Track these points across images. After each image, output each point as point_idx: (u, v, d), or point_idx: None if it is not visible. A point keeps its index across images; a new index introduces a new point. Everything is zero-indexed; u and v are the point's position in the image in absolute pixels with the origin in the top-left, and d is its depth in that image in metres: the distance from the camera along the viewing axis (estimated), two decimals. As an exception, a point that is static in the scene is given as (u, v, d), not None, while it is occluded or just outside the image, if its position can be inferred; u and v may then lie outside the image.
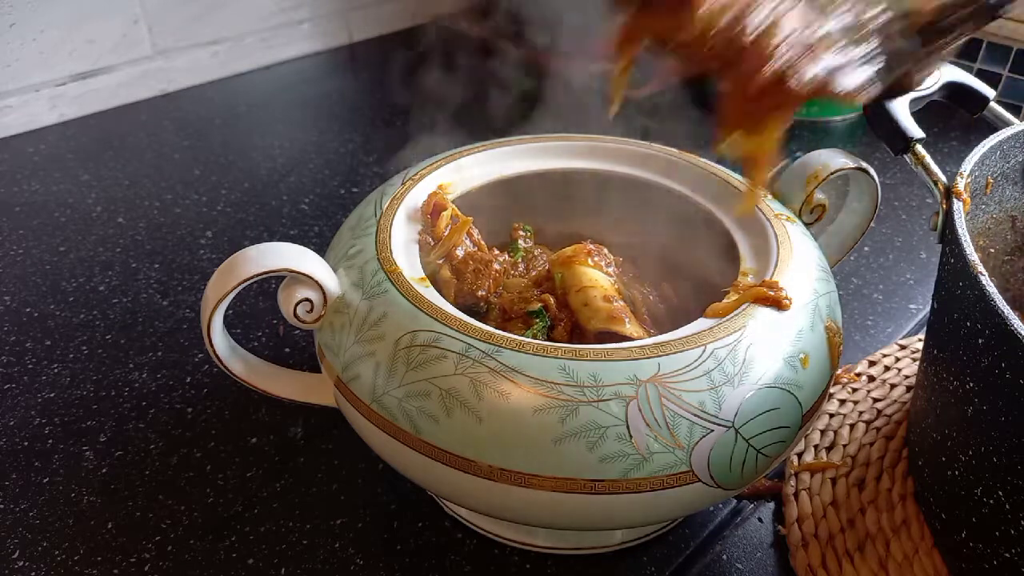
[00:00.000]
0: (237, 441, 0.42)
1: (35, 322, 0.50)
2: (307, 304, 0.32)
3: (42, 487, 0.39)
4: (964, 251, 0.31)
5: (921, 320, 0.51)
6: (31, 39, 0.69)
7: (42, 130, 0.72)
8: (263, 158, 0.68)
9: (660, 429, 0.27)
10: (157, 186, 0.64)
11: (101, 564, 0.36)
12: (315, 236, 0.58)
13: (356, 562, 0.36)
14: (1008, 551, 0.30)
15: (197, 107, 0.77)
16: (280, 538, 0.37)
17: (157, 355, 0.47)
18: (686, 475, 0.28)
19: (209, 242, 0.58)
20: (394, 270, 0.32)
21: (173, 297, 0.52)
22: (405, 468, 0.31)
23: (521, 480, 0.28)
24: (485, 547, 0.37)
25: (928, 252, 0.58)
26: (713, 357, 0.29)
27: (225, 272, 0.31)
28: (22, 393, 0.45)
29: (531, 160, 0.40)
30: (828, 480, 0.40)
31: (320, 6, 0.85)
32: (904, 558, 0.36)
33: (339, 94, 0.81)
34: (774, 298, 0.31)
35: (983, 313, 0.29)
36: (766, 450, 0.29)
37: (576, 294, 0.36)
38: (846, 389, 0.45)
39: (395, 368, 0.29)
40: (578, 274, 0.36)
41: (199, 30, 0.78)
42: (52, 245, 0.57)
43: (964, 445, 0.32)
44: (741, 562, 0.37)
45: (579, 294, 0.35)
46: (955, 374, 0.32)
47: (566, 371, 0.28)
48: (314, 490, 0.39)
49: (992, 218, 0.40)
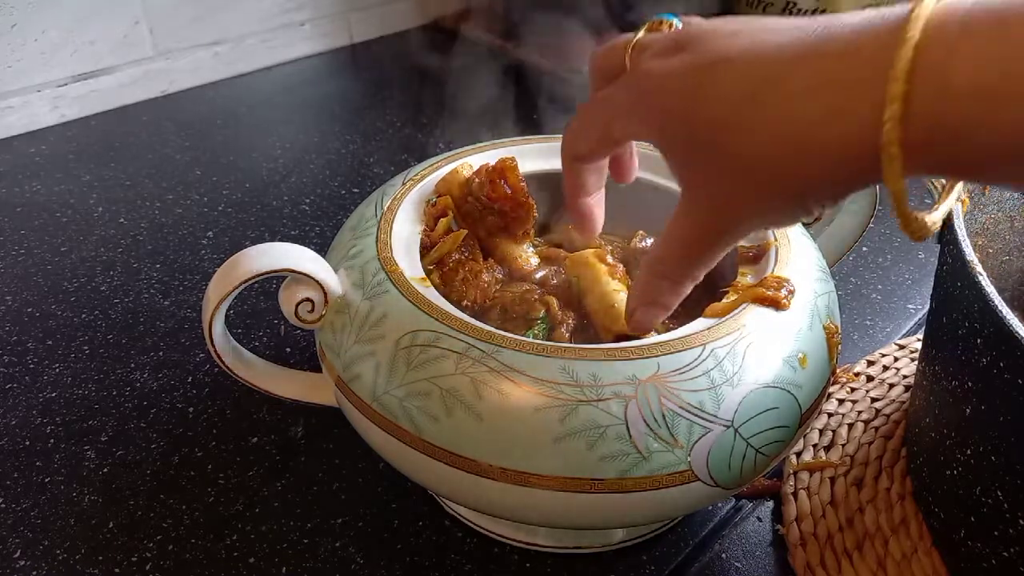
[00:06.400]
0: (238, 440, 0.42)
1: (36, 322, 0.50)
2: (308, 304, 0.32)
3: (43, 486, 0.40)
4: (962, 251, 0.31)
5: (920, 320, 0.51)
6: (32, 40, 0.69)
7: (43, 131, 0.72)
8: (264, 159, 0.68)
9: (659, 428, 0.27)
10: (158, 186, 0.64)
11: (102, 563, 0.36)
12: (316, 236, 0.58)
13: (357, 561, 0.36)
14: (1006, 550, 0.30)
15: (198, 108, 0.77)
16: (281, 537, 0.37)
17: (158, 355, 0.48)
18: (685, 474, 0.28)
19: (210, 242, 0.58)
20: (395, 270, 0.32)
21: (174, 297, 0.52)
22: (405, 467, 0.31)
23: (521, 479, 0.28)
24: (485, 546, 0.37)
25: (926, 252, 0.58)
26: (712, 357, 0.29)
27: (226, 272, 0.31)
28: (23, 393, 0.45)
29: (531, 160, 0.40)
30: (827, 479, 0.40)
31: (321, 7, 0.85)
32: (903, 557, 0.36)
33: (340, 95, 0.81)
34: (773, 298, 0.31)
35: (981, 313, 0.29)
36: (765, 449, 0.29)
37: (598, 297, 0.36)
38: (845, 389, 0.45)
39: (396, 368, 0.29)
40: (598, 277, 0.36)
41: (200, 31, 0.78)
42: (54, 245, 0.57)
43: (962, 444, 0.32)
44: (740, 561, 0.37)
45: (603, 297, 0.35)
46: (953, 374, 0.32)
47: (566, 371, 0.28)
48: (315, 489, 0.40)
49: (991, 218, 0.40)
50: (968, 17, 0.21)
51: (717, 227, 0.27)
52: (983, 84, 0.21)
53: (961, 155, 0.22)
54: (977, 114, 0.21)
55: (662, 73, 0.27)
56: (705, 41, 0.26)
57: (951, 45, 0.21)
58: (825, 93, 0.23)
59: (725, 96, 0.25)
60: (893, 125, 0.22)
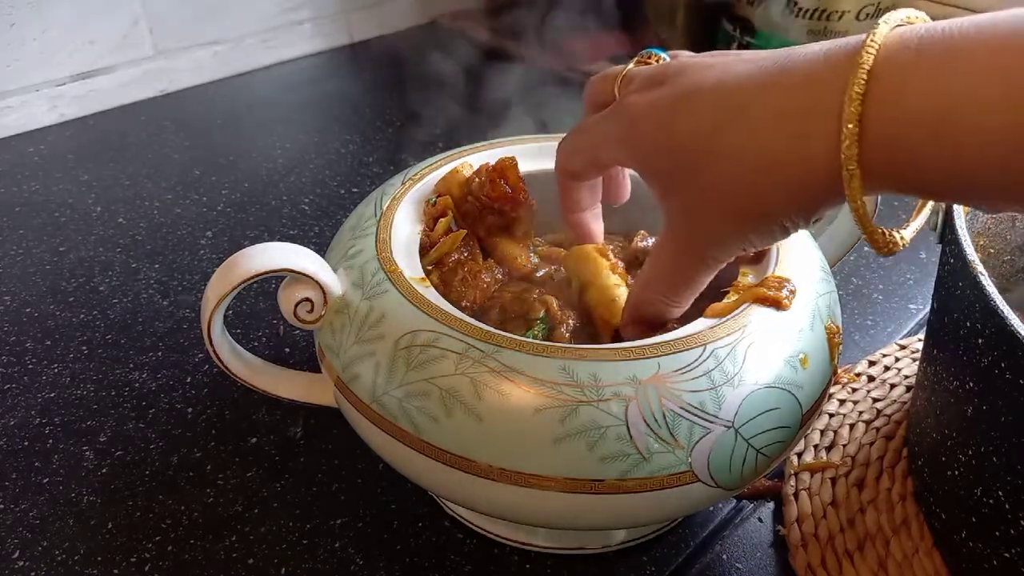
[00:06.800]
0: (237, 441, 0.42)
1: (35, 322, 0.50)
2: (307, 304, 0.32)
3: (42, 487, 0.39)
4: (964, 251, 0.31)
5: (921, 320, 0.51)
6: (32, 39, 0.69)
7: (42, 130, 0.72)
8: (263, 158, 0.68)
9: (660, 429, 0.27)
10: (157, 186, 0.64)
11: (101, 564, 0.36)
12: (315, 236, 0.58)
13: (356, 562, 0.36)
14: (1008, 551, 0.30)
15: (197, 107, 0.77)
16: (280, 538, 0.37)
17: (157, 355, 0.47)
18: (686, 475, 0.28)
19: (209, 242, 0.58)
20: (394, 270, 0.32)
21: (173, 297, 0.52)
22: (405, 468, 0.31)
23: (521, 480, 0.28)
24: (485, 547, 0.37)
25: (928, 252, 0.58)
26: (713, 357, 0.29)
27: (225, 272, 0.31)
28: (22, 393, 0.45)
29: (531, 160, 0.40)
30: (828, 480, 0.40)
31: (321, 7, 0.85)
32: (904, 558, 0.36)
33: (340, 94, 0.81)
34: (774, 298, 0.31)
35: (983, 313, 0.29)
36: (766, 450, 0.29)
37: (600, 290, 0.35)
38: (846, 389, 0.45)
39: (395, 368, 0.29)
40: (599, 270, 0.36)
41: (200, 30, 0.78)
42: (52, 245, 0.57)
43: (964, 445, 0.32)
44: (741, 562, 0.37)
45: (604, 291, 0.35)
46: (955, 374, 0.32)
47: (566, 371, 0.28)
48: (314, 490, 0.39)
49: (992, 218, 0.40)
50: (921, 45, 0.23)
51: (699, 251, 0.29)
52: (932, 110, 0.22)
53: (917, 177, 0.24)
54: (928, 138, 0.22)
55: (644, 105, 0.29)
56: (683, 75, 0.28)
57: (904, 72, 0.23)
58: (787, 122, 0.25)
59: (698, 125, 0.27)
60: (850, 146, 0.23)
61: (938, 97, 0.22)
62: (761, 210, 0.26)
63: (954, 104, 0.22)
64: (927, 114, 0.22)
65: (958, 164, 0.22)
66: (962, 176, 0.23)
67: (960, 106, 0.22)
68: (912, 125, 0.23)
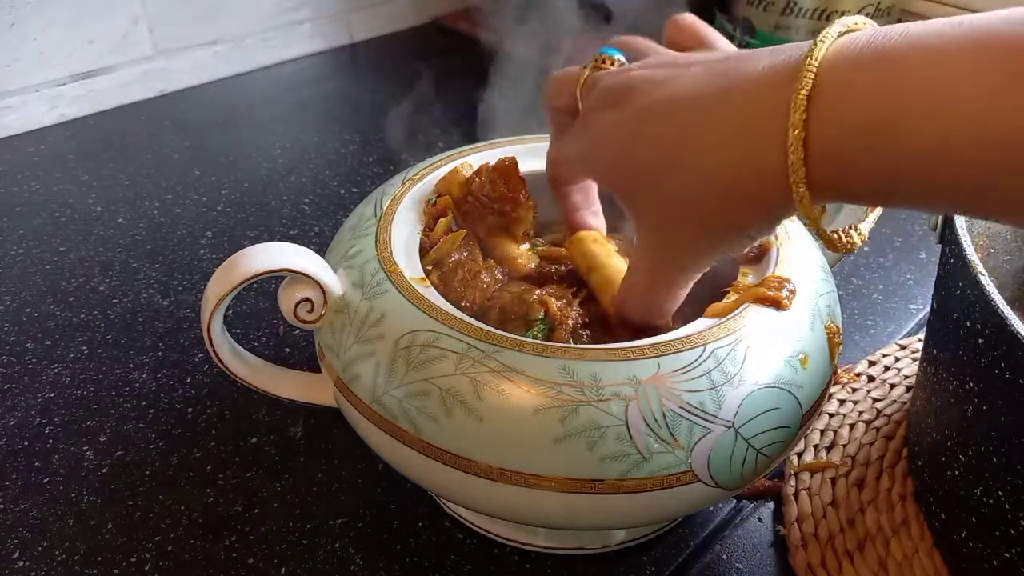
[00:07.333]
0: (237, 441, 0.42)
1: (35, 322, 0.50)
2: (307, 304, 0.32)
3: (42, 487, 0.39)
4: (964, 251, 0.31)
5: (921, 320, 0.51)
6: (31, 39, 0.69)
7: (42, 130, 0.72)
8: (263, 158, 0.68)
9: (660, 429, 0.27)
10: (157, 186, 0.64)
11: (101, 564, 0.36)
12: (315, 236, 0.58)
13: (356, 562, 0.36)
14: (1008, 551, 0.30)
15: (197, 107, 0.77)
16: (280, 538, 0.37)
17: (157, 355, 0.47)
18: (686, 475, 0.28)
19: (209, 242, 0.58)
20: (394, 270, 0.32)
21: (173, 297, 0.52)
22: (405, 468, 0.31)
23: (521, 480, 0.28)
24: (485, 547, 0.37)
25: (928, 252, 0.58)
26: (713, 357, 0.29)
27: (225, 272, 0.31)
28: (22, 393, 0.45)
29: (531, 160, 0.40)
30: (828, 480, 0.40)
31: (321, 6, 0.85)
32: (904, 558, 0.36)
33: (339, 94, 0.81)
34: (774, 298, 0.31)
35: (983, 313, 0.29)
36: (766, 450, 0.29)
37: (612, 272, 0.35)
38: (846, 389, 0.45)
39: (395, 368, 0.29)
40: (609, 253, 0.36)
41: (199, 30, 0.78)
42: (52, 245, 0.57)
43: (964, 445, 0.32)
44: (741, 562, 0.37)
45: (615, 273, 0.35)
46: (955, 374, 0.32)
47: (566, 371, 0.28)
48: (314, 490, 0.39)
49: (992, 218, 0.40)
50: (859, 57, 0.23)
51: (672, 263, 0.30)
52: (867, 121, 0.23)
53: (862, 187, 0.24)
54: (866, 149, 0.23)
55: (604, 127, 0.30)
56: (638, 93, 0.29)
57: (843, 85, 0.23)
58: (736, 144, 0.26)
59: (655, 152, 0.28)
60: (796, 161, 0.24)
61: (871, 109, 0.22)
62: (725, 221, 0.27)
63: (886, 115, 0.22)
64: (862, 126, 0.23)
65: (893, 174, 0.23)
66: (898, 186, 0.23)
67: (892, 117, 0.22)
68: (851, 138, 0.23)
